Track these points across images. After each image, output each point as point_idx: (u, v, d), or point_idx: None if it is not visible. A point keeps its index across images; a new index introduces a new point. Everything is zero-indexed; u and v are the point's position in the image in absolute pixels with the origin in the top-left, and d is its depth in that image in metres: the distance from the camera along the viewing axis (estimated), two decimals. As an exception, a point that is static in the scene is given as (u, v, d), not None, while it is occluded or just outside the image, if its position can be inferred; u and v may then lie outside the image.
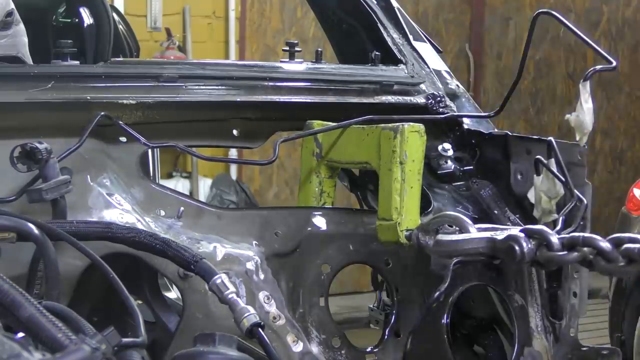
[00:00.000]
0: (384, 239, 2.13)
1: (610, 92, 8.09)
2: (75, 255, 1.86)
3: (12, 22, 2.61)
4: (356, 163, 2.31)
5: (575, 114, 2.20)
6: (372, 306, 2.45)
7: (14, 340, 1.18)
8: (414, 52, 2.66)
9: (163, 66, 2.35)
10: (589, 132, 2.21)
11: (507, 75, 7.76)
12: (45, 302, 1.46)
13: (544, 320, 2.31)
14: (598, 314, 4.73)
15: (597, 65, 2.25)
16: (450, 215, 2.00)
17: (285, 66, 2.54)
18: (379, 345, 2.27)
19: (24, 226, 1.71)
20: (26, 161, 1.90)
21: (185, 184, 6.72)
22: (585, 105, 2.18)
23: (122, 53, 3.70)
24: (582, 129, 2.20)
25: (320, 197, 2.36)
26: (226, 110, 2.34)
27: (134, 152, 2.17)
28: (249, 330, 1.72)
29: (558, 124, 7.87)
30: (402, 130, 2.07)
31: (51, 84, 2.10)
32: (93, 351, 1.20)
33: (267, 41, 7.02)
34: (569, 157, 2.24)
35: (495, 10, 7.84)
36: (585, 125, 2.18)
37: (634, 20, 8.13)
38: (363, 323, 3.66)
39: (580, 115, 2.19)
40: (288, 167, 6.93)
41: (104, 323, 1.43)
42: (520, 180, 2.36)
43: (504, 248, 1.74)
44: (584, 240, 1.67)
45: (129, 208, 2.08)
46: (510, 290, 2.31)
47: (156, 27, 6.69)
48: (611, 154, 8.25)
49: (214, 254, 2.09)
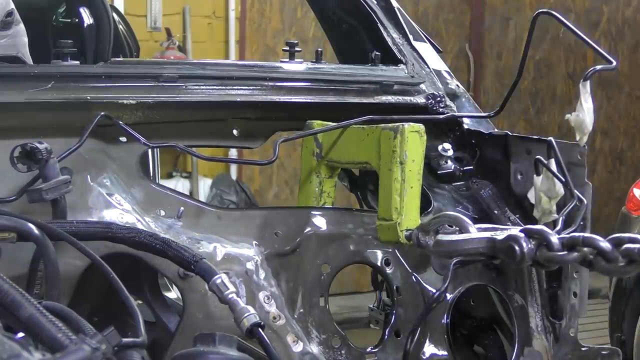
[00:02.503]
0: (384, 239, 2.12)
1: (610, 92, 8.09)
2: (75, 255, 1.86)
3: (12, 22, 2.61)
4: (356, 163, 2.31)
5: (575, 113, 2.20)
6: (372, 306, 2.45)
7: (14, 340, 1.18)
8: (414, 52, 2.66)
9: (163, 66, 2.35)
10: (589, 132, 2.21)
11: (507, 75, 7.77)
12: (45, 302, 1.46)
13: (544, 320, 2.31)
14: (598, 314, 4.73)
15: (597, 65, 2.25)
16: (450, 215, 2.00)
17: (285, 66, 2.54)
18: (379, 345, 2.27)
19: (24, 226, 1.71)
20: (26, 161, 1.90)
21: (185, 184, 6.72)
22: (585, 105, 2.18)
23: (122, 53, 3.70)
24: (582, 128, 2.20)
25: (320, 197, 2.36)
26: (226, 110, 2.34)
27: (134, 152, 2.17)
28: (249, 330, 1.72)
29: (558, 124, 7.87)
30: (402, 130, 2.07)
31: (51, 84, 2.10)
32: (93, 351, 1.20)
33: (267, 41, 7.02)
34: (569, 157, 2.24)
35: (495, 10, 7.84)
36: (585, 125, 2.18)
37: (634, 20, 8.13)
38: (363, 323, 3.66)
39: (580, 115, 2.18)
40: (288, 167, 6.93)
41: (104, 323, 1.43)
42: (520, 180, 2.36)
43: (504, 248, 1.74)
44: (584, 241, 1.67)
45: (129, 208, 2.08)
46: (510, 290, 2.31)
47: (156, 27, 6.69)
48: (611, 154, 8.25)
49: (214, 254, 2.09)
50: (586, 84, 2.18)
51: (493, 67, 7.87)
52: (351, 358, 2.19)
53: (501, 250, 1.75)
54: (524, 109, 7.92)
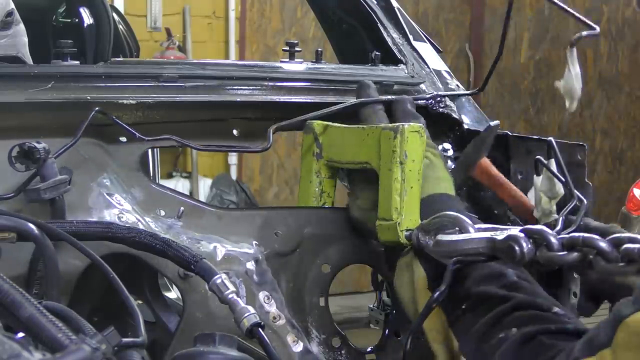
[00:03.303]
0: (384, 239, 2.12)
1: (610, 92, 8.09)
2: (75, 255, 1.86)
3: (12, 22, 2.61)
4: (356, 163, 2.31)
5: (563, 80, 2.22)
6: (372, 306, 2.45)
7: (14, 340, 1.17)
8: (414, 52, 2.66)
9: (163, 66, 2.35)
10: (578, 97, 2.23)
11: (507, 75, 7.77)
12: (45, 302, 1.46)
13: (544, 320, 2.31)
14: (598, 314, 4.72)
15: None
16: (450, 215, 2.00)
17: (285, 66, 2.54)
18: (379, 345, 2.27)
19: (24, 226, 1.71)
20: (24, 161, 1.90)
21: (185, 184, 6.73)
22: (573, 70, 2.21)
23: (122, 53, 3.70)
24: (572, 94, 2.22)
25: (320, 197, 2.36)
26: (226, 110, 2.34)
27: (134, 152, 2.17)
28: (249, 330, 1.71)
29: (558, 124, 7.87)
30: (402, 130, 2.07)
31: (51, 84, 2.09)
32: (93, 351, 1.20)
33: (267, 41, 7.03)
34: (569, 157, 2.24)
35: (495, 10, 7.84)
36: (575, 90, 2.21)
37: (634, 20, 8.13)
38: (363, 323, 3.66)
39: (569, 80, 2.21)
40: (288, 167, 6.93)
41: (104, 323, 1.43)
42: (520, 180, 2.36)
43: (503, 248, 1.74)
44: (583, 241, 1.67)
45: (129, 208, 2.08)
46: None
47: (156, 27, 6.70)
48: (611, 154, 8.26)
49: (214, 254, 2.09)
50: (573, 50, 2.20)
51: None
52: (351, 358, 2.19)
53: (501, 250, 1.75)
54: (524, 109, 7.93)
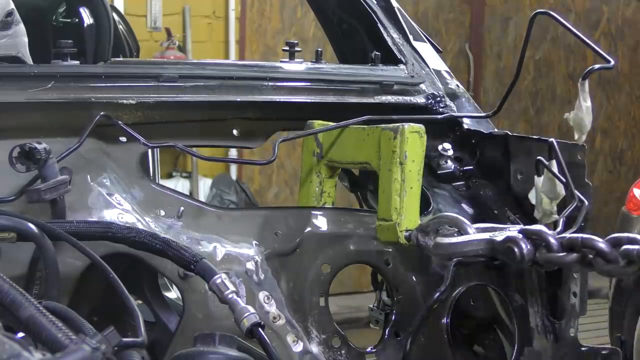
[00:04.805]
0: (384, 239, 2.13)
1: (610, 92, 8.09)
2: (75, 255, 1.87)
3: (12, 22, 2.61)
4: (356, 163, 2.31)
5: (574, 112, 2.20)
6: (372, 306, 2.45)
7: (14, 340, 1.18)
8: (414, 52, 2.66)
9: (163, 66, 2.35)
10: (587, 130, 2.21)
11: (507, 75, 7.77)
12: (45, 302, 1.46)
13: (544, 320, 2.31)
14: (598, 314, 4.72)
15: (596, 65, 2.25)
16: (449, 216, 2.00)
17: (285, 66, 2.54)
18: (379, 345, 2.27)
19: (24, 226, 1.71)
20: (25, 161, 1.90)
21: (185, 184, 6.72)
22: (583, 104, 2.18)
23: (122, 53, 3.69)
24: (581, 127, 2.20)
25: (320, 197, 2.36)
26: (226, 110, 2.34)
27: (134, 152, 2.17)
28: (249, 330, 1.72)
29: (558, 124, 7.87)
30: (402, 130, 2.07)
31: (51, 84, 2.10)
32: (93, 351, 1.20)
33: (267, 41, 7.02)
34: (569, 157, 2.23)
35: (495, 10, 7.84)
36: (584, 124, 2.18)
37: (634, 20, 8.13)
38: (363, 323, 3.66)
39: (579, 113, 2.19)
40: (288, 167, 6.93)
41: (104, 323, 1.43)
42: (520, 180, 2.36)
43: (502, 249, 1.74)
44: (583, 241, 1.67)
45: (129, 208, 2.08)
46: (510, 290, 2.31)
47: (156, 27, 6.69)
48: (611, 154, 8.25)
49: (214, 254, 2.09)
50: (584, 83, 2.18)
51: (493, 67, 7.87)
52: (351, 358, 2.19)
53: (500, 251, 1.76)
54: (524, 109, 7.92)
